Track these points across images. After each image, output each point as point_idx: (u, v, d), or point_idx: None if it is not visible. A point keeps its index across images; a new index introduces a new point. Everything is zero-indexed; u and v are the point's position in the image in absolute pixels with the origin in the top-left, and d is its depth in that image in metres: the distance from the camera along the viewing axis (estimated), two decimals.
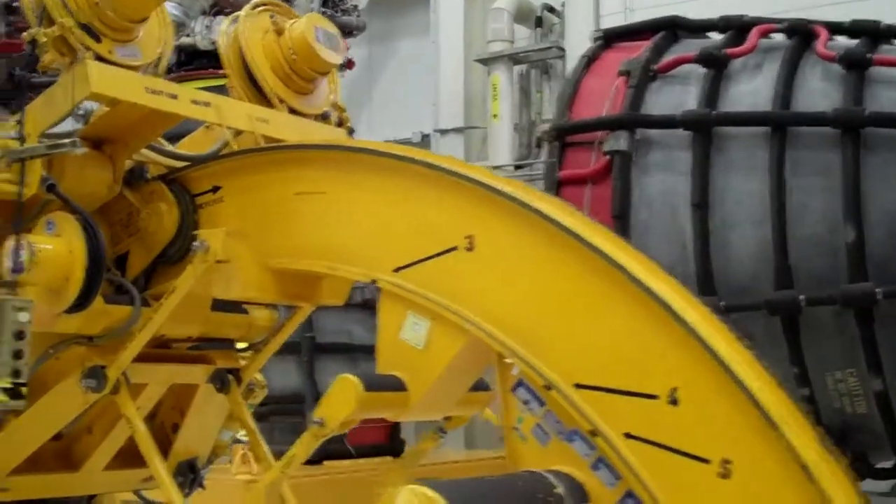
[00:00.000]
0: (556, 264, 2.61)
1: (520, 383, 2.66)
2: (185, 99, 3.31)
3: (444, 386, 2.84)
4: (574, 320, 2.57)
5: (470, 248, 2.75)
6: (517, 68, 11.79)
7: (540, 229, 2.63)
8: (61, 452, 3.86)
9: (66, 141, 3.01)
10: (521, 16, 11.69)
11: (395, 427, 8.59)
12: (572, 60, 11.17)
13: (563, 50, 11.39)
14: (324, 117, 3.92)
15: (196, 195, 3.41)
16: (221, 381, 3.75)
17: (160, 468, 3.31)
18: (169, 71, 3.72)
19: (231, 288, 3.13)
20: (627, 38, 5.26)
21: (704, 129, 4.41)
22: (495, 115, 11.30)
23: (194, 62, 10.98)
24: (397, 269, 2.88)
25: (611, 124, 4.54)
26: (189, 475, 3.97)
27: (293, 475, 7.23)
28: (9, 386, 2.92)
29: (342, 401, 2.70)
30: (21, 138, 3.05)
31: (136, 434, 3.33)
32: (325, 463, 7.33)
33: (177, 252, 3.40)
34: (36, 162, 3.08)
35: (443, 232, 2.80)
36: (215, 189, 3.37)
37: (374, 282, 2.92)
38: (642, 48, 4.98)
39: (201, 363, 3.76)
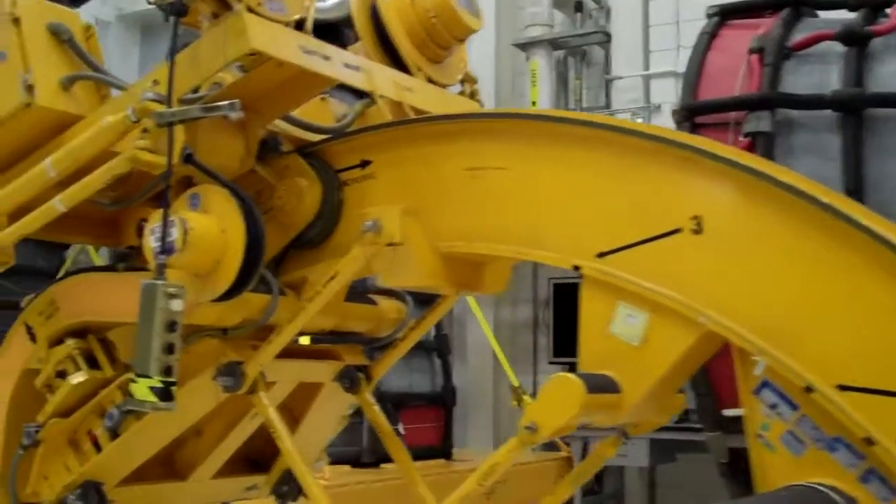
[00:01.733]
0: (813, 247, 2.36)
1: (765, 384, 2.41)
2: (338, 62, 3.03)
3: (663, 386, 2.58)
4: (836, 311, 2.33)
5: (697, 231, 2.49)
6: (555, 54, 11.53)
7: (792, 208, 2.38)
8: (163, 460, 3.56)
9: (224, 104, 2.71)
10: (560, 0, 11.44)
11: (447, 428, 8.32)
12: (618, 46, 11.12)
13: (608, 35, 11.15)
14: None
15: (340, 171, 3.13)
16: (351, 379, 3.49)
17: (307, 474, 3.04)
18: None
19: (403, 274, 2.85)
20: (743, 15, 5.02)
21: (856, 110, 4.18)
22: (534, 102, 11.04)
23: None
24: (602, 255, 2.62)
25: (753, 104, 4.29)
26: (294, 483, 3.72)
27: (355, 481, 6.86)
28: (158, 385, 2.63)
29: (563, 404, 2.43)
30: (168, 100, 2.75)
31: (280, 438, 3.07)
32: (382, 466, 7.04)
33: (318, 234, 3.13)
34: (179, 129, 2.79)
35: (662, 212, 2.55)
36: (364, 164, 3.09)
37: (575, 268, 2.65)
38: (765, 25, 4.75)
39: (329, 359, 3.49)
